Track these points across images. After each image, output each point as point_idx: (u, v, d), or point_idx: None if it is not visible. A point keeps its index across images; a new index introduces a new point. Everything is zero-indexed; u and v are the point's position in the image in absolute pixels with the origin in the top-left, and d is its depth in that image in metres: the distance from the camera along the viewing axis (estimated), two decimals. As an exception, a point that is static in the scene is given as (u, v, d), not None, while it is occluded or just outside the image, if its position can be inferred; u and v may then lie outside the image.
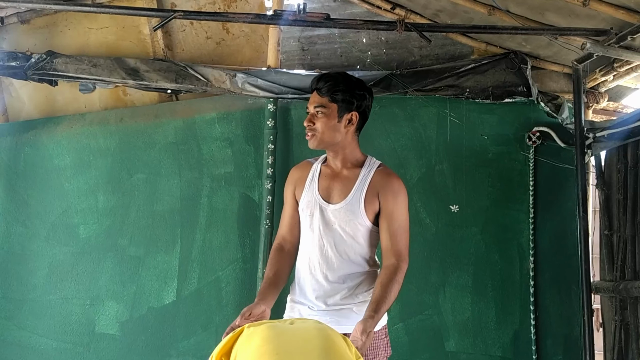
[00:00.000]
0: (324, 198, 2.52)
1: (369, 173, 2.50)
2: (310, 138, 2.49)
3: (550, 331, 3.89)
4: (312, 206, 2.53)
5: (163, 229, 3.99)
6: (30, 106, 4.19)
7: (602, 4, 3.14)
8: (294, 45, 4.34)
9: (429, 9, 3.99)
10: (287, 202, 2.66)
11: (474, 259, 3.92)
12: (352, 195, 2.48)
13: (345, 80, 2.49)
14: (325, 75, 2.52)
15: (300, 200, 2.59)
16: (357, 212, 2.46)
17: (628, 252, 3.61)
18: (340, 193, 2.52)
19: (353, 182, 2.49)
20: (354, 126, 2.51)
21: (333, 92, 2.46)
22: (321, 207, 2.51)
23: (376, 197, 2.47)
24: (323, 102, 2.46)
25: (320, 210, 2.51)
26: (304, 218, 2.56)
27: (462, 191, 3.95)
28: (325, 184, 2.54)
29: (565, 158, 3.92)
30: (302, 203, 2.58)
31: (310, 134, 2.48)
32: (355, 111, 2.49)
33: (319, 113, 2.46)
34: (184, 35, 4.15)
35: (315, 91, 2.49)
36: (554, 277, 3.92)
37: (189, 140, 4.05)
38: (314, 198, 2.53)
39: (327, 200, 2.51)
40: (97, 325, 3.93)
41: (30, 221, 4.01)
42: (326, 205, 2.50)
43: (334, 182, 2.54)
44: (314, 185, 2.55)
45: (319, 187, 2.54)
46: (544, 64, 4.08)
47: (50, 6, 3.66)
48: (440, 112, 4.01)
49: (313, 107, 2.48)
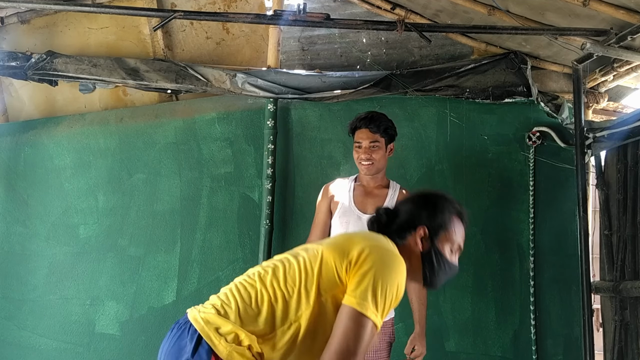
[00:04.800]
0: (360, 209, 3.09)
1: (395, 192, 3.12)
2: (369, 166, 3.09)
3: (550, 331, 3.89)
4: (349, 215, 3.09)
5: (163, 229, 3.99)
6: (30, 106, 4.19)
7: (602, 4, 3.14)
8: (294, 45, 4.34)
9: (429, 9, 3.99)
10: (321, 212, 3.23)
11: (473, 259, 3.92)
12: None
13: (386, 118, 3.15)
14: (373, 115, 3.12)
15: (337, 210, 3.15)
16: None
17: (628, 252, 3.61)
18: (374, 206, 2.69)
19: (384, 199, 3.08)
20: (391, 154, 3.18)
21: (383, 129, 3.10)
22: (358, 216, 3.07)
23: None
24: (376, 138, 3.09)
25: (356, 218, 3.06)
26: (340, 225, 3.11)
27: (462, 191, 3.95)
28: (360, 198, 3.14)
29: (565, 158, 3.92)
30: (339, 212, 3.13)
31: (369, 162, 3.08)
32: (393, 142, 3.17)
33: (373, 147, 3.09)
34: (184, 36, 4.16)
35: (366, 129, 3.09)
36: (554, 277, 3.92)
37: (189, 140, 4.05)
38: (351, 209, 3.11)
39: (363, 211, 3.07)
40: (97, 325, 3.93)
41: (30, 221, 4.01)
42: (362, 214, 3.06)
43: (367, 197, 3.14)
44: (350, 199, 3.14)
45: (354, 201, 3.13)
46: (544, 64, 4.08)
47: (50, 6, 3.66)
48: (440, 112, 4.01)
49: (369, 142, 3.08)
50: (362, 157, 3.08)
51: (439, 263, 1.89)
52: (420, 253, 1.89)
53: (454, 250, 1.94)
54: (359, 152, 3.10)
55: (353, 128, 3.15)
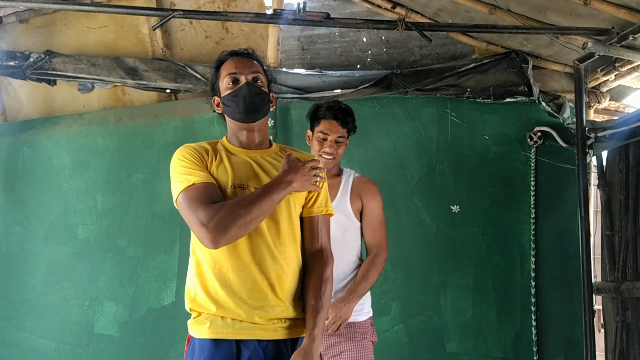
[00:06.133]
0: None
1: (349, 178, 2.86)
2: (330, 161, 2.79)
3: (551, 332, 3.87)
4: None
5: (162, 230, 3.97)
6: (28, 106, 4.18)
7: (603, 4, 3.13)
8: (293, 44, 4.33)
9: (430, 8, 3.98)
10: None
11: (474, 260, 3.91)
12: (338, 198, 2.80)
13: (352, 113, 2.86)
14: (345, 108, 2.84)
15: None
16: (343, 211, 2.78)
17: (629, 252, 3.60)
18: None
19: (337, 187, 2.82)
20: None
21: (351, 125, 2.84)
22: None
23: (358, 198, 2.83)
24: (343, 133, 2.82)
25: None
26: None
27: (463, 191, 3.94)
28: None
29: (566, 158, 3.91)
30: None
31: (331, 157, 2.79)
32: None
33: (340, 141, 2.81)
34: (183, 35, 4.14)
35: (336, 120, 2.80)
36: (555, 278, 3.90)
37: (189, 140, 3.95)
38: None
39: None
40: (96, 326, 3.91)
41: (29, 221, 3.99)
42: None
43: None
44: None
45: None
46: (545, 63, 4.07)
47: (49, 5, 3.65)
48: (441, 111, 3.99)
49: (337, 136, 2.79)
50: (327, 150, 2.79)
51: (228, 103, 2.08)
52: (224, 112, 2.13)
53: (227, 83, 2.10)
54: (324, 144, 2.80)
55: (320, 116, 2.84)
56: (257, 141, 2.08)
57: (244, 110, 2.04)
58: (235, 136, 2.09)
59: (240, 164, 2.01)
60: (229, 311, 1.90)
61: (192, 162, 2.01)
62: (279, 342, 1.91)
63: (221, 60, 2.14)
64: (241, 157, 2.04)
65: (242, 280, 1.89)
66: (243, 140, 2.07)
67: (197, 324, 1.97)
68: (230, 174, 1.97)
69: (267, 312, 1.89)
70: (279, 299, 1.91)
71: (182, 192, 1.98)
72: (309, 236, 2.03)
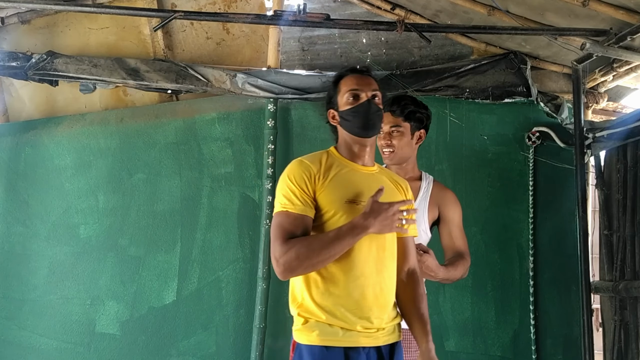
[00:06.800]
0: None
1: (429, 185, 2.72)
2: (389, 155, 2.66)
3: (549, 331, 3.89)
4: None
5: (163, 229, 3.99)
6: (30, 106, 4.19)
7: (601, 4, 3.15)
8: (294, 45, 4.35)
9: (429, 10, 3.99)
10: None
11: (473, 259, 3.83)
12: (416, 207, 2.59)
13: (414, 101, 2.69)
14: (397, 97, 2.70)
15: None
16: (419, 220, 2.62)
17: (627, 252, 3.62)
18: None
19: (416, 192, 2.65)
20: (420, 143, 2.73)
21: (407, 112, 2.65)
22: None
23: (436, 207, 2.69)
24: (398, 122, 2.64)
25: None
26: None
27: (461, 191, 3.94)
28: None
29: (564, 158, 3.92)
30: None
31: (389, 150, 2.65)
32: (424, 129, 2.71)
33: (394, 132, 2.64)
34: (184, 36, 4.16)
35: (389, 112, 2.64)
36: (553, 277, 3.92)
37: (189, 140, 4.06)
38: None
39: None
40: (98, 325, 3.93)
41: (31, 221, 4.01)
42: None
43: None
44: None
45: None
46: (544, 64, 4.08)
47: (50, 6, 3.67)
48: (440, 112, 4.01)
49: (389, 127, 2.63)
50: (382, 143, 2.66)
51: (347, 117, 2.13)
52: (339, 125, 2.17)
53: (347, 98, 2.14)
54: (379, 138, 2.66)
55: None
56: (367, 155, 2.17)
57: (362, 126, 2.12)
58: (348, 149, 2.16)
59: (352, 178, 2.10)
60: (338, 319, 2.00)
61: (297, 188, 2.04)
62: (379, 348, 2.05)
63: (341, 75, 2.20)
64: (353, 172, 2.12)
65: (351, 291, 2.00)
66: (355, 153, 2.15)
67: (306, 331, 2.03)
68: (344, 189, 2.06)
69: (371, 322, 2.02)
70: (381, 310, 2.04)
71: (277, 213, 2.06)
72: (403, 255, 2.17)
